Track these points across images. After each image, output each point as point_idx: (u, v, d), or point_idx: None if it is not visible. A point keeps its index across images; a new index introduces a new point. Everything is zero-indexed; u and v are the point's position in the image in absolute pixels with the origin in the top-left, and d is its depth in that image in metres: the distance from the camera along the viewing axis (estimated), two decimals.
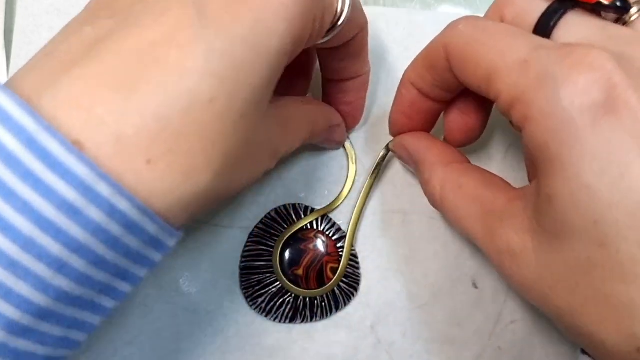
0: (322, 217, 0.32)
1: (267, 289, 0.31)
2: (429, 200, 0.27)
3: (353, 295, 0.32)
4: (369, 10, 0.34)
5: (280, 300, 0.31)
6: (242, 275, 0.32)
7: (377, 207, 0.33)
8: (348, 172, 0.33)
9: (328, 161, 0.33)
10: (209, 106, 0.18)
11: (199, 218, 0.32)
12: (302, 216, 0.32)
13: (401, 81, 0.28)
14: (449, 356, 0.32)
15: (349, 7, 0.23)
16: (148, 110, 0.17)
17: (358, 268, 0.32)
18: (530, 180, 0.23)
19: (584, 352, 0.23)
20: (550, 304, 0.21)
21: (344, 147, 0.33)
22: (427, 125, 0.29)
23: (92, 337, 0.30)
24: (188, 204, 0.19)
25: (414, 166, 0.29)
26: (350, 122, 0.31)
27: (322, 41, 0.24)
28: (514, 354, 0.32)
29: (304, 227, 0.32)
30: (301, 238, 0.32)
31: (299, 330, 0.32)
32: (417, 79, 0.27)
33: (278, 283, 0.31)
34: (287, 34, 0.20)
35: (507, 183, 0.25)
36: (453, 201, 0.25)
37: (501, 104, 0.22)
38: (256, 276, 0.32)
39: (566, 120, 0.19)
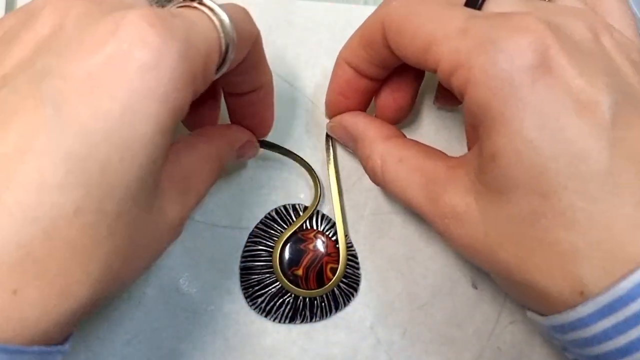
0: (322, 217, 0.32)
1: (266, 289, 0.31)
2: (370, 175, 0.28)
3: (353, 295, 0.32)
4: (369, 9, 0.34)
5: (280, 301, 0.31)
6: (242, 275, 0.32)
7: (377, 208, 0.33)
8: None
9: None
10: (75, 220, 0.16)
11: (198, 218, 0.32)
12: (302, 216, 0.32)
13: (336, 62, 0.29)
14: (448, 357, 0.32)
15: (233, 41, 0.21)
16: (4, 239, 0.16)
17: (358, 268, 0.32)
18: (469, 148, 0.24)
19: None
20: (497, 260, 0.22)
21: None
22: (363, 105, 0.30)
23: (91, 337, 0.30)
24: (70, 318, 0.17)
25: (353, 144, 0.30)
26: (260, 133, 0.30)
27: (215, 78, 0.22)
28: (513, 355, 0.32)
29: (304, 228, 0.32)
30: (301, 238, 0.32)
31: (299, 330, 0.32)
32: (352, 58, 0.28)
33: (278, 283, 0.31)
34: (162, 111, 0.18)
35: (446, 154, 0.26)
36: (394, 173, 0.26)
37: (442, 71, 0.22)
38: (256, 276, 0.32)
39: (507, 80, 0.20)
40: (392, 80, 0.29)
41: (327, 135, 0.33)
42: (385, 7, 0.25)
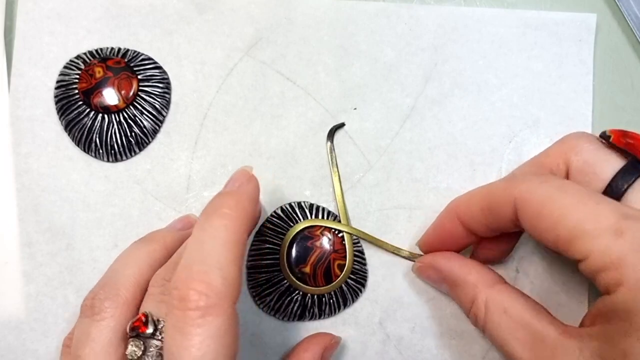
0: (328, 214, 0.32)
1: (274, 288, 0.32)
2: (471, 320, 0.28)
3: (361, 291, 0.32)
4: (370, 6, 0.34)
5: (289, 299, 0.31)
6: (249, 274, 0.32)
7: (383, 203, 0.33)
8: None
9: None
10: None
11: None
12: (308, 214, 0.32)
13: (446, 211, 0.29)
14: (458, 350, 0.32)
15: None
16: None
17: (365, 264, 0.32)
18: (584, 324, 0.24)
19: None
20: None
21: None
22: (458, 249, 0.30)
23: None
24: None
25: (448, 287, 0.29)
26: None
27: None
28: None
29: (310, 225, 0.32)
30: (308, 236, 0.32)
31: (308, 328, 0.32)
32: (466, 216, 0.28)
33: (285, 281, 0.31)
34: None
35: (551, 314, 0.26)
36: (497, 324, 0.26)
37: (589, 266, 0.23)
38: (263, 275, 0.32)
39: None
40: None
41: (329, 134, 0.33)
42: (518, 183, 0.25)
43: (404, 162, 0.33)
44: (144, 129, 0.33)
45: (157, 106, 0.33)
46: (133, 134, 0.32)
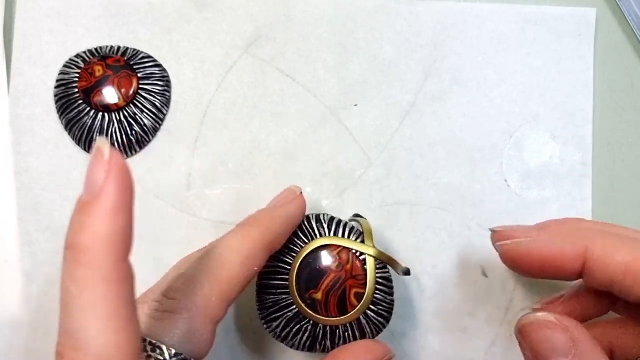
0: (350, 231, 0.28)
1: (282, 313, 0.27)
2: None
3: (384, 325, 0.28)
4: (369, 3, 0.34)
5: (297, 327, 0.27)
6: (258, 294, 0.28)
7: (384, 200, 0.33)
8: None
9: (334, 155, 0.33)
10: None
11: (205, 216, 0.32)
12: (326, 230, 0.28)
13: (572, 237, 0.25)
14: (462, 346, 0.32)
15: None
16: None
17: (391, 294, 0.28)
18: None
19: None
20: None
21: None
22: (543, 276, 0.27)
23: None
24: None
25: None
26: None
27: None
28: None
29: (327, 243, 0.27)
30: (322, 256, 0.27)
31: None
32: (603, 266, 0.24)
33: (294, 307, 0.27)
34: None
35: None
36: None
37: None
38: (272, 297, 0.27)
39: None
40: None
41: (354, 220, 0.30)
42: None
43: (404, 158, 0.33)
44: (145, 128, 0.32)
45: (157, 104, 0.33)
46: (133, 132, 0.32)
